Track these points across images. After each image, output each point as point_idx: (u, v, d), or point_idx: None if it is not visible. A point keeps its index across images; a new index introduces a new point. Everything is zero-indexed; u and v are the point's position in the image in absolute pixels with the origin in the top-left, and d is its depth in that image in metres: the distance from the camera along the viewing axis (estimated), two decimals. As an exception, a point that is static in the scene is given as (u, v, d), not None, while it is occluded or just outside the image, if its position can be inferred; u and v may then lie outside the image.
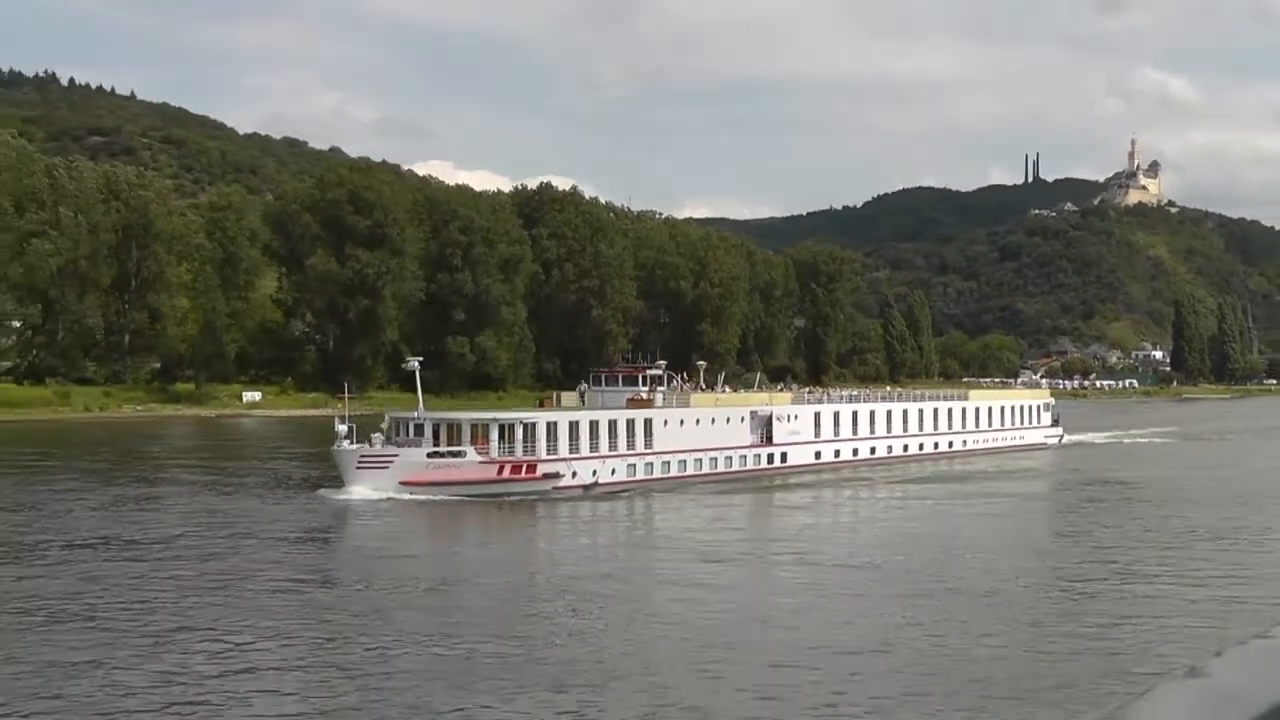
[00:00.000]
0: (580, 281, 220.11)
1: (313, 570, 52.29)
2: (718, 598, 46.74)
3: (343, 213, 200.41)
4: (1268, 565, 52.60)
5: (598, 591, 48.81)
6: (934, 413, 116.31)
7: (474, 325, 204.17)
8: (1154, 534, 65.07)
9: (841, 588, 48.88)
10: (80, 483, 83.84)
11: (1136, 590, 47.62)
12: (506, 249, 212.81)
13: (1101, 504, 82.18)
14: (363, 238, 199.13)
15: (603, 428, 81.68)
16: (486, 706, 31.73)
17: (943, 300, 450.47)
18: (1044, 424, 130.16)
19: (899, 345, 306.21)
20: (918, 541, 64.53)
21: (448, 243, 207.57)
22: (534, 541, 65.13)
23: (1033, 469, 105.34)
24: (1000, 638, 39.59)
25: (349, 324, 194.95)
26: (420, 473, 73.19)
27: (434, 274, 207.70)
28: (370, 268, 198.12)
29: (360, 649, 37.14)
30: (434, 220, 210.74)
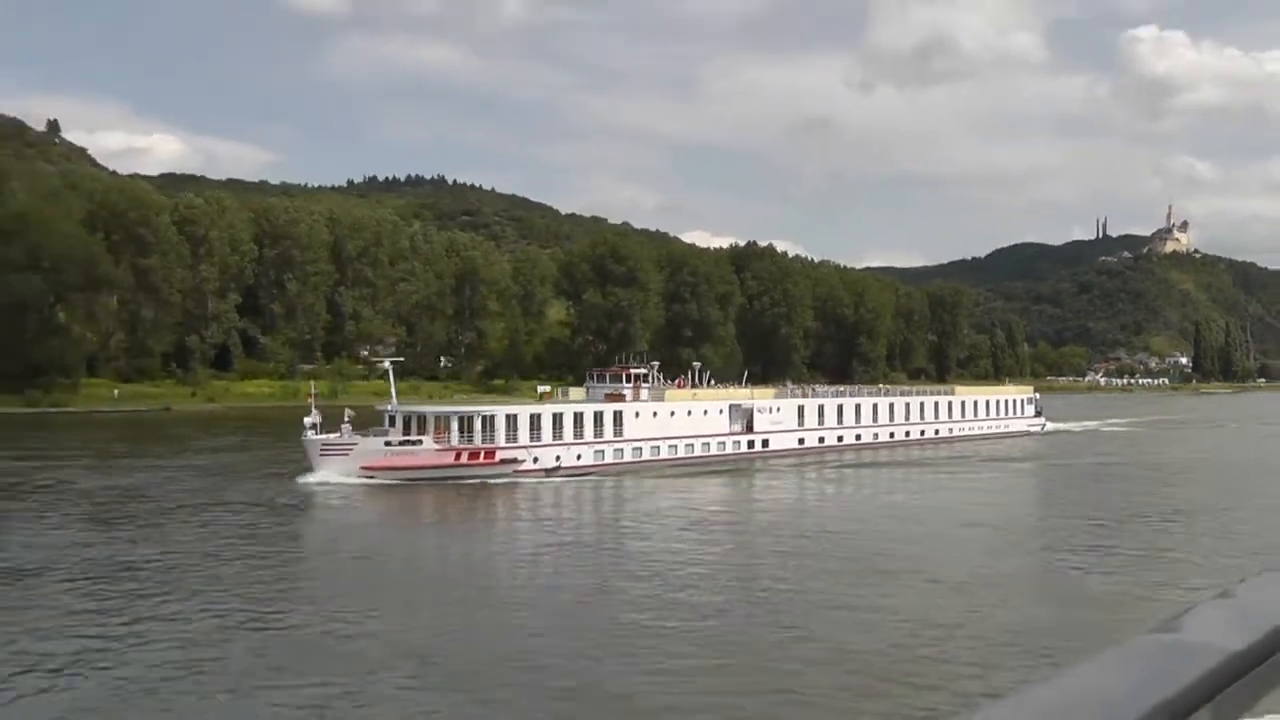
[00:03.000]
0: (773, 310, 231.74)
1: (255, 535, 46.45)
2: (606, 558, 43.05)
3: (607, 262, 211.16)
4: (1161, 536, 48.11)
5: (479, 557, 44.95)
6: (919, 405, 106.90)
7: (698, 340, 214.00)
8: (1073, 501, 62.59)
9: (750, 553, 44.21)
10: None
11: (1068, 555, 43.02)
12: (722, 287, 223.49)
13: (1042, 477, 78.58)
14: (620, 280, 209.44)
15: (567, 418, 73.78)
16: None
17: (1038, 321, 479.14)
18: (1027, 415, 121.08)
19: (1000, 353, 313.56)
20: (857, 506, 61.92)
21: (681, 283, 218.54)
22: (465, 515, 57.69)
23: (1001, 450, 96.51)
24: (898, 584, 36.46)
25: (611, 339, 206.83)
26: (379, 459, 66.06)
27: (670, 305, 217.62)
28: (625, 300, 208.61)
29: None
30: (671, 267, 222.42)
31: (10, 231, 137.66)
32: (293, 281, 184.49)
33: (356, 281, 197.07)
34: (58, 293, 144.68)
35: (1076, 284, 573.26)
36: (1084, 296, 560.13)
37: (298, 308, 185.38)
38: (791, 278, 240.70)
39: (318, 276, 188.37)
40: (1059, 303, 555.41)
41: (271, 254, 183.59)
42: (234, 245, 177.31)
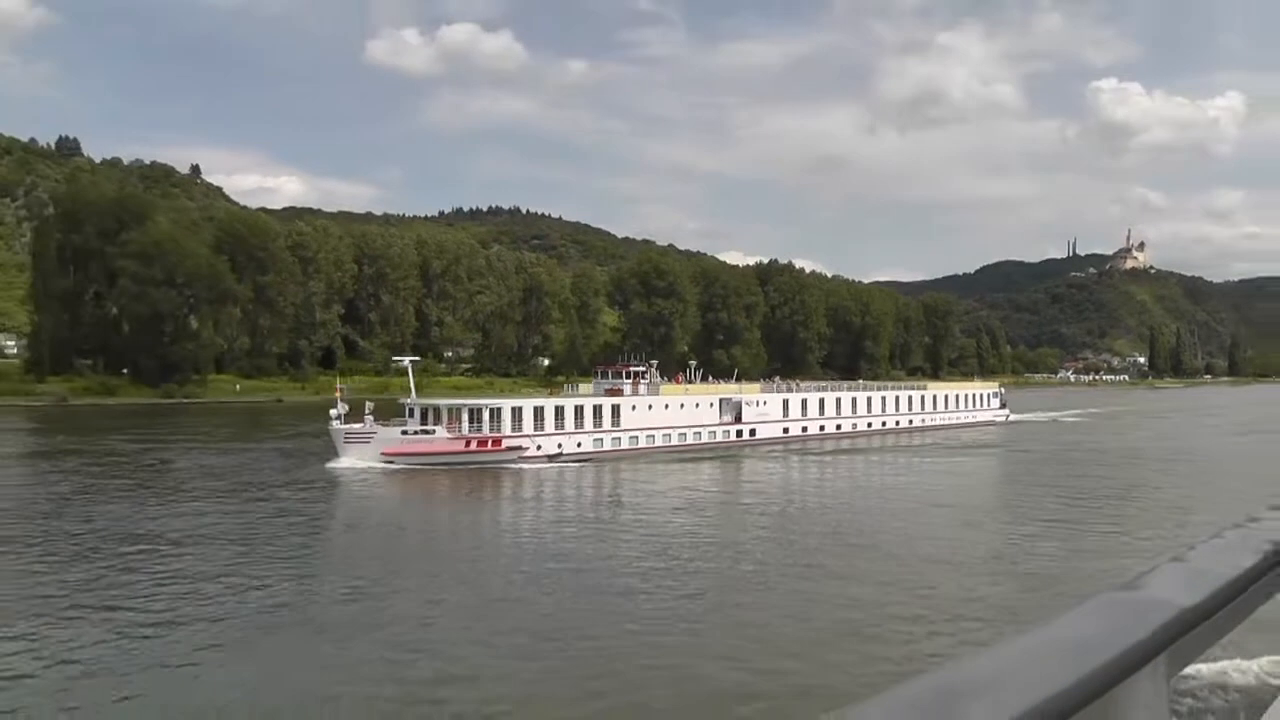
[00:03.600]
0: (792, 317, 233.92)
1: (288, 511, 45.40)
2: (590, 531, 41.38)
3: (650, 277, 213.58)
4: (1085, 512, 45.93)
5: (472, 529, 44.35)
6: (894, 399, 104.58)
7: (729, 343, 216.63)
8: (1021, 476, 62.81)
9: (721, 523, 43.62)
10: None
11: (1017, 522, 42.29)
12: (748, 298, 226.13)
13: (998, 460, 77.01)
14: (662, 292, 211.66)
15: (568, 410, 71.70)
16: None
17: (1017, 327, 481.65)
18: (992, 407, 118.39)
19: (985, 354, 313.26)
20: (825, 484, 61.77)
21: (714, 295, 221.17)
22: (470, 494, 55.98)
23: (967, 438, 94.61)
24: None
25: (654, 342, 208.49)
26: (397, 446, 64.67)
27: (705, 313, 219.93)
28: (666, 310, 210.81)
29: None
30: (706, 281, 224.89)
31: (151, 255, 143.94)
32: (386, 294, 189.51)
33: (440, 294, 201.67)
34: (190, 305, 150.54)
35: (1050, 295, 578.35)
36: (1056, 306, 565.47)
37: (390, 316, 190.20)
38: (807, 290, 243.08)
39: (407, 290, 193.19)
40: (1035, 311, 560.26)
41: (369, 272, 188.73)
42: (337, 265, 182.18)
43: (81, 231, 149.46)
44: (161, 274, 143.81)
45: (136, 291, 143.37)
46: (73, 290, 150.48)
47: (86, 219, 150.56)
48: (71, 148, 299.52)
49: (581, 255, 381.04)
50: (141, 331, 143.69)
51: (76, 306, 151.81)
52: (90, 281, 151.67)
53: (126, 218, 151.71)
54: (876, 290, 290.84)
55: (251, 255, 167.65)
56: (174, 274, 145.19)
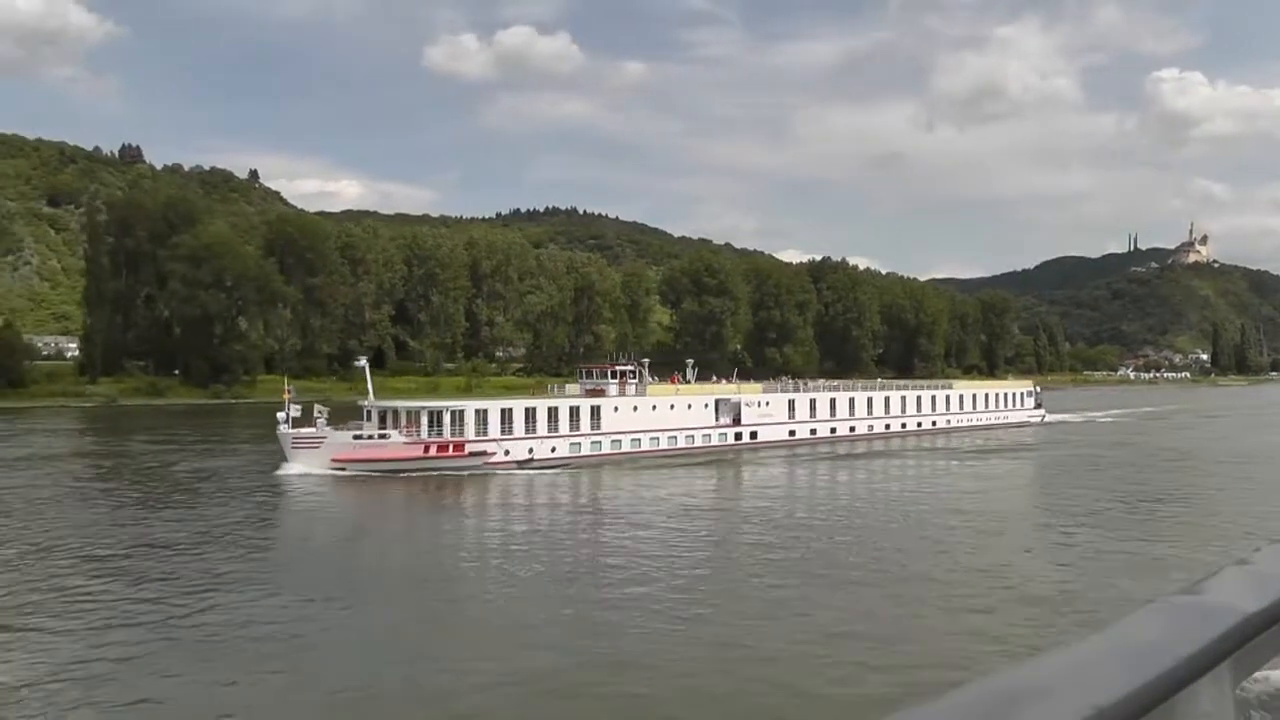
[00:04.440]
0: (845, 315, 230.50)
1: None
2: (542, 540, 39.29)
3: (702, 276, 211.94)
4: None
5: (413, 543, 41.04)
6: (916, 399, 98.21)
7: (781, 341, 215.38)
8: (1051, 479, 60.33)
9: (700, 535, 40.44)
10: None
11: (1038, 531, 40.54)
12: (801, 296, 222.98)
13: (1028, 464, 72.53)
14: (713, 291, 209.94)
15: (540, 412, 66.47)
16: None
17: (1077, 324, 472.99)
18: (1026, 407, 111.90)
19: (1043, 351, 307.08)
20: (825, 491, 56.70)
21: (766, 293, 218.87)
22: (427, 505, 52.18)
23: (995, 440, 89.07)
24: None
25: (706, 341, 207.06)
26: (349, 452, 60.03)
27: (757, 312, 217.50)
28: (718, 308, 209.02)
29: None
30: (757, 280, 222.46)
31: (200, 258, 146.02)
32: (436, 295, 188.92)
33: (490, 295, 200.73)
34: (239, 306, 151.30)
35: (1110, 291, 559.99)
36: (1117, 302, 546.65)
37: (440, 317, 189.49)
38: (861, 287, 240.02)
39: (457, 291, 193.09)
40: (1095, 307, 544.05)
41: (418, 272, 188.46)
42: (387, 265, 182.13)
43: (134, 235, 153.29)
44: (210, 276, 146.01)
45: (186, 294, 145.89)
46: (125, 293, 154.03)
47: (138, 223, 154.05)
48: (134, 155, 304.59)
49: (637, 255, 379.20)
50: (191, 333, 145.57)
51: (129, 309, 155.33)
52: (142, 284, 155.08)
53: (177, 221, 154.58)
54: (931, 287, 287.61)
55: (301, 257, 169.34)
56: (223, 276, 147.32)
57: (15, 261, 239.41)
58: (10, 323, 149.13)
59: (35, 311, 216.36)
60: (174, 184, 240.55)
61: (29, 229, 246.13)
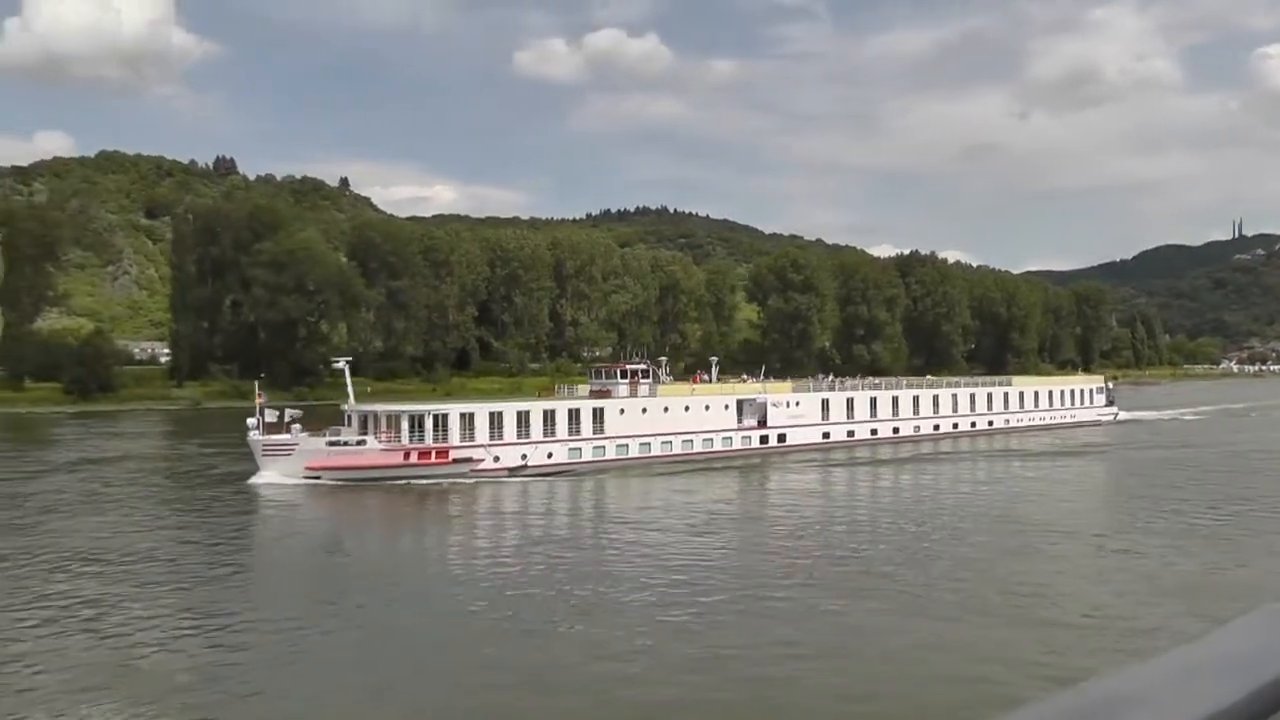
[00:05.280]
0: (934, 310, 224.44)
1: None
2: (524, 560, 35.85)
3: (788, 272, 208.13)
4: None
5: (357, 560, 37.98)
6: (970, 397, 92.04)
7: (869, 338, 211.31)
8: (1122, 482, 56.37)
9: (710, 549, 37.32)
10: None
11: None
12: (889, 291, 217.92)
13: (1093, 467, 67.79)
14: (799, 287, 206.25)
15: (534, 415, 62.69)
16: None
17: (1177, 315, 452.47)
18: (1096, 404, 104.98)
19: (1140, 345, 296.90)
20: (853, 503, 51.48)
21: (853, 288, 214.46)
22: (398, 520, 48.26)
23: (1061, 441, 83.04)
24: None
25: (792, 339, 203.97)
26: (323, 459, 56.69)
27: (844, 307, 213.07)
28: (804, 305, 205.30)
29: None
30: (845, 275, 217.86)
31: (283, 263, 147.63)
32: (519, 295, 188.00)
33: (574, 294, 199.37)
34: (321, 310, 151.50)
35: (1212, 280, 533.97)
36: (1219, 291, 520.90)
37: (524, 317, 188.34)
38: (950, 281, 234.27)
39: (541, 291, 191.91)
40: (1196, 297, 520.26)
41: (501, 273, 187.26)
42: (470, 267, 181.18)
43: (219, 244, 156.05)
44: (292, 281, 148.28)
45: (268, 299, 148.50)
46: (210, 299, 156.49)
47: (223, 232, 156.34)
48: (227, 167, 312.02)
49: (727, 253, 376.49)
50: (275, 337, 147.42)
51: (215, 315, 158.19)
52: (227, 291, 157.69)
53: (261, 229, 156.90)
54: (1024, 280, 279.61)
55: (384, 260, 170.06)
56: (304, 281, 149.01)
57: (115, 271, 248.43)
58: (101, 329, 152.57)
59: (133, 319, 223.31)
60: (265, 193, 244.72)
61: (128, 240, 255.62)
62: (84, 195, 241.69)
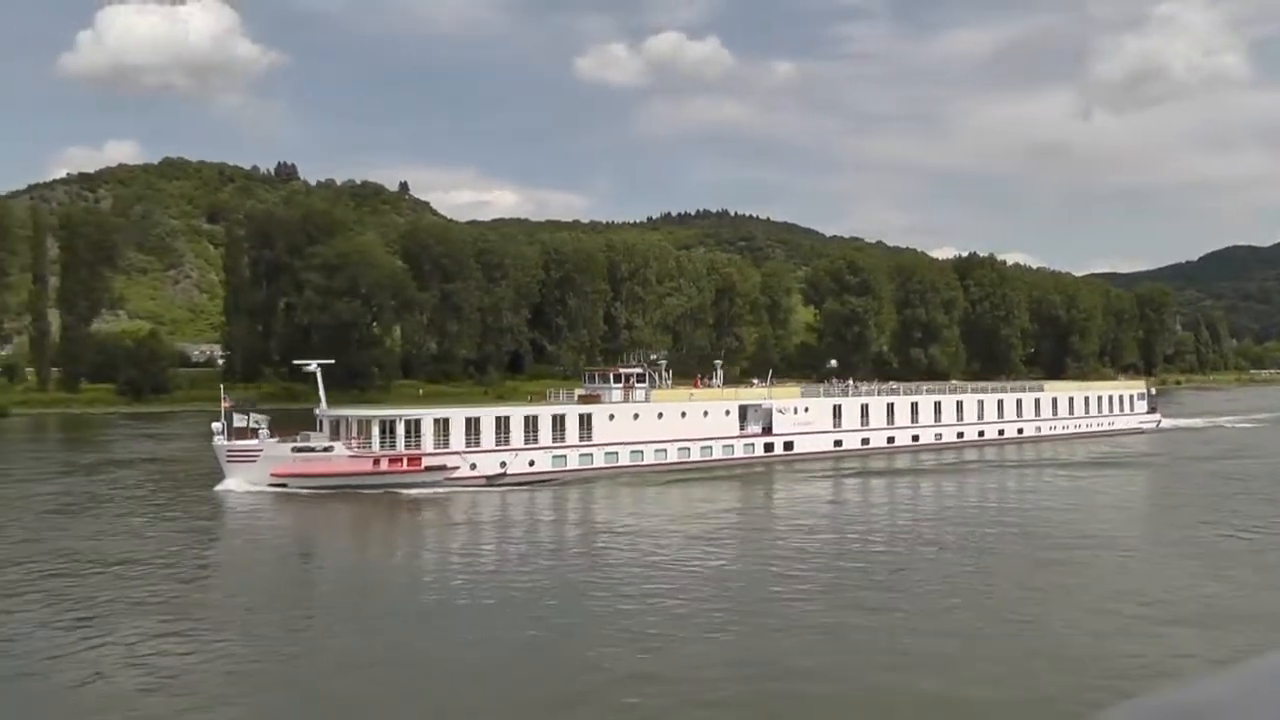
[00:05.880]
0: (992, 313, 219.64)
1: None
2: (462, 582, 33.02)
3: (843, 273, 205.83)
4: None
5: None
6: (998, 403, 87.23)
7: (927, 341, 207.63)
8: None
9: (685, 568, 34.37)
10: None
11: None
12: (947, 293, 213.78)
13: (1127, 472, 65.61)
14: (855, 289, 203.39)
15: (515, 421, 59.90)
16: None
17: (1245, 318, 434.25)
18: (1137, 411, 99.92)
19: (1204, 349, 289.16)
20: (851, 517, 48.08)
21: (910, 290, 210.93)
22: (359, 535, 45.34)
23: (1095, 451, 78.56)
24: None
25: (848, 342, 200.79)
26: (288, 466, 54.36)
27: (901, 310, 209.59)
28: (860, 307, 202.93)
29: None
30: (902, 277, 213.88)
31: (335, 267, 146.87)
32: (573, 298, 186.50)
33: (629, 297, 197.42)
34: (373, 313, 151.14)
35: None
36: None
37: (578, 320, 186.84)
38: (1009, 283, 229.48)
39: (595, 294, 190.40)
40: (1266, 300, 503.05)
41: (556, 276, 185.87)
42: (523, 269, 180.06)
43: (273, 247, 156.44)
44: (344, 284, 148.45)
45: (321, 302, 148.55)
46: (264, 302, 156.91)
47: (278, 236, 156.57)
48: (288, 173, 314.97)
49: (787, 256, 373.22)
50: (328, 339, 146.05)
51: (269, 317, 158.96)
52: (281, 294, 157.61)
53: (315, 233, 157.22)
54: (1084, 282, 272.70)
55: (438, 263, 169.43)
56: (357, 284, 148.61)
57: (177, 275, 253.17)
58: (155, 331, 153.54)
59: (194, 322, 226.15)
60: (325, 198, 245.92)
61: (190, 245, 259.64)
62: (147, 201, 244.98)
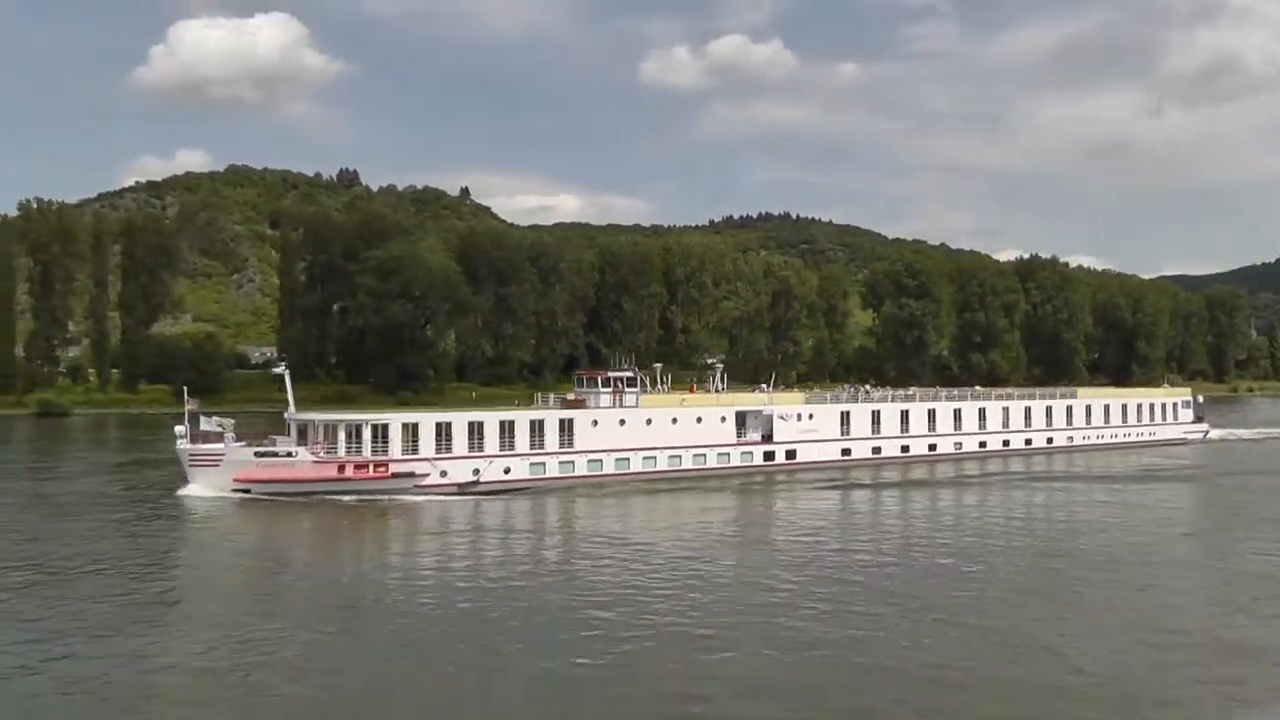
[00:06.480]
0: (1055, 316, 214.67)
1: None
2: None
3: (901, 276, 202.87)
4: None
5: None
6: (1024, 411, 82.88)
7: (987, 346, 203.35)
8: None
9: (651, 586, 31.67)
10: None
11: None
12: (1008, 296, 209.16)
13: (1165, 487, 60.95)
14: (913, 292, 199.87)
15: (489, 427, 57.34)
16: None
17: None
18: (1181, 421, 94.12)
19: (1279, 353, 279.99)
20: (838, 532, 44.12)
21: (970, 293, 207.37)
22: (316, 545, 43.06)
23: (1132, 463, 73.68)
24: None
25: (906, 346, 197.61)
26: (251, 471, 52.52)
27: (960, 313, 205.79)
28: (917, 311, 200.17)
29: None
30: (962, 280, 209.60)
31: (388, 271, 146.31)
32: (629, 302, 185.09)
33: (685, 301, 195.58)
34: (426, 316, 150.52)
35: None
36: None
37: (634, 324, 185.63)
38: (1072, 286, 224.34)
39: (651, 298, 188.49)
40: None
41: (611, 280, 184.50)
42: (579, 274, 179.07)
43: (328, 252, 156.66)
44: (398, 288, 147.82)
45: (374, 305, 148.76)
46: (319, 306, 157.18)
47: (333, 240, 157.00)
48: (350, 179, 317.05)
49: (849, 259, 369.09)
50: (382, 342, 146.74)
51: (324, 320, 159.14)
52: (336, 297, 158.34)
53: (370, 237, 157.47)
54: (1152, 285, 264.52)
55: (493, 267, 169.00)
56: (410, 287, 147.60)
57: (240, 279, 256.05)
58: (212, 334, 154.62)
59: (256, 325, 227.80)
60: (386, 203, 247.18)
61: (253, 250, 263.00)
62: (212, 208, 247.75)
